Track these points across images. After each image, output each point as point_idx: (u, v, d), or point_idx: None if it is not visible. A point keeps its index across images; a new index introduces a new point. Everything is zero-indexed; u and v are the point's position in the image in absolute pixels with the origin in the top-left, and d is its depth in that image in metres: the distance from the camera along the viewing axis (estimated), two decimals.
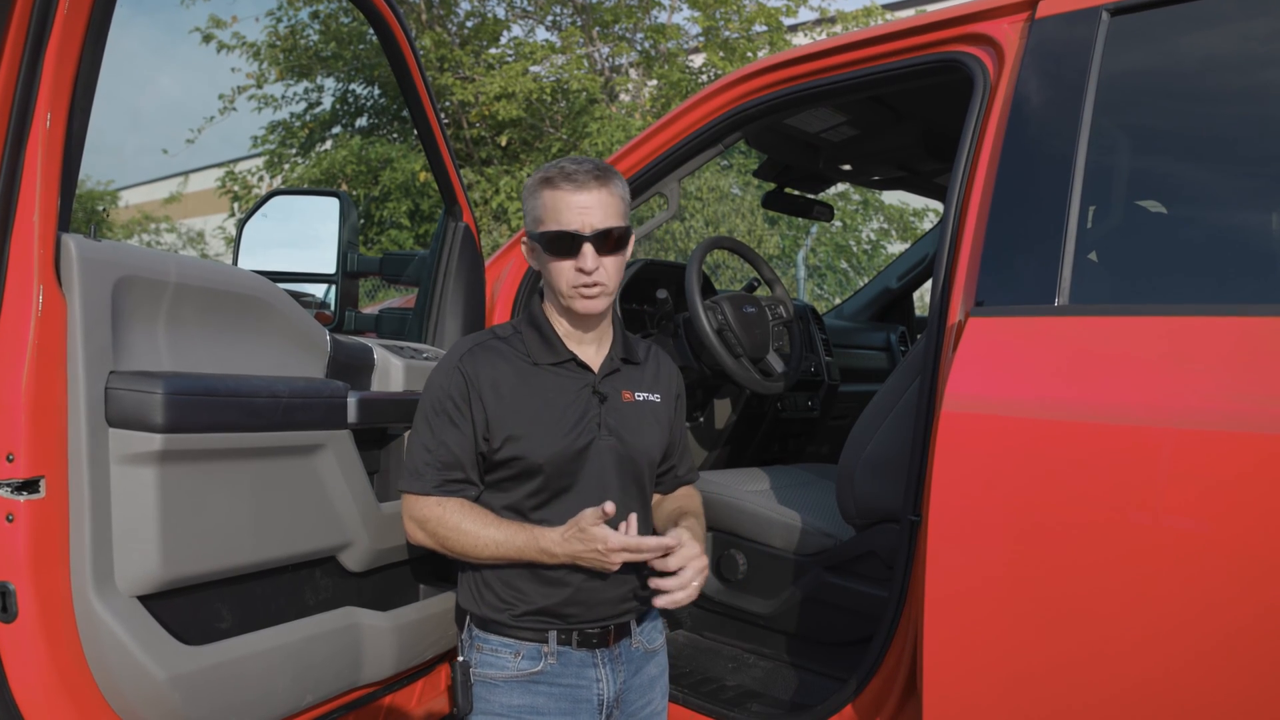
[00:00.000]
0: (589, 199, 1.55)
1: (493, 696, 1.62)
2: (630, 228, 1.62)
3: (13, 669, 1.44)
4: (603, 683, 1.63)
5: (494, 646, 1.62)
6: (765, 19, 9.64)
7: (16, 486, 1.41)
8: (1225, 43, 1.66)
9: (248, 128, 25.59)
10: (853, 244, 10.75)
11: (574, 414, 1.61)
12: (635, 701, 1.69)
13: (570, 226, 1.55)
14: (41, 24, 1.41)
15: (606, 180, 1.58)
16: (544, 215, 1.58)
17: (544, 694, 1.60)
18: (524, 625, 1.61)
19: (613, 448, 1.62)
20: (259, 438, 1.68)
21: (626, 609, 1.65)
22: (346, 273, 2.45)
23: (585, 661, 1.62)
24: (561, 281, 1.58)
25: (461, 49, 9.70)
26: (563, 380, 1.63)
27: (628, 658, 1.67)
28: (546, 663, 1.60)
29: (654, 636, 1.74)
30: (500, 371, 1.60)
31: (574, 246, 1.55)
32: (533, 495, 1.60)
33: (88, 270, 1.46)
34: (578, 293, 1.58)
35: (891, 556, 2.07)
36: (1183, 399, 1.42)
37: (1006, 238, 1.69)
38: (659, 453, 1.73)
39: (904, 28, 2.02)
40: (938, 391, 1.68)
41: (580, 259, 1.55)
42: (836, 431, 3.50)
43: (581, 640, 1.61)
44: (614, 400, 1.65)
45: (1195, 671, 1.38)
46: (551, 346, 1.63)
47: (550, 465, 1.58)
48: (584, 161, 1.58)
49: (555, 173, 1.57)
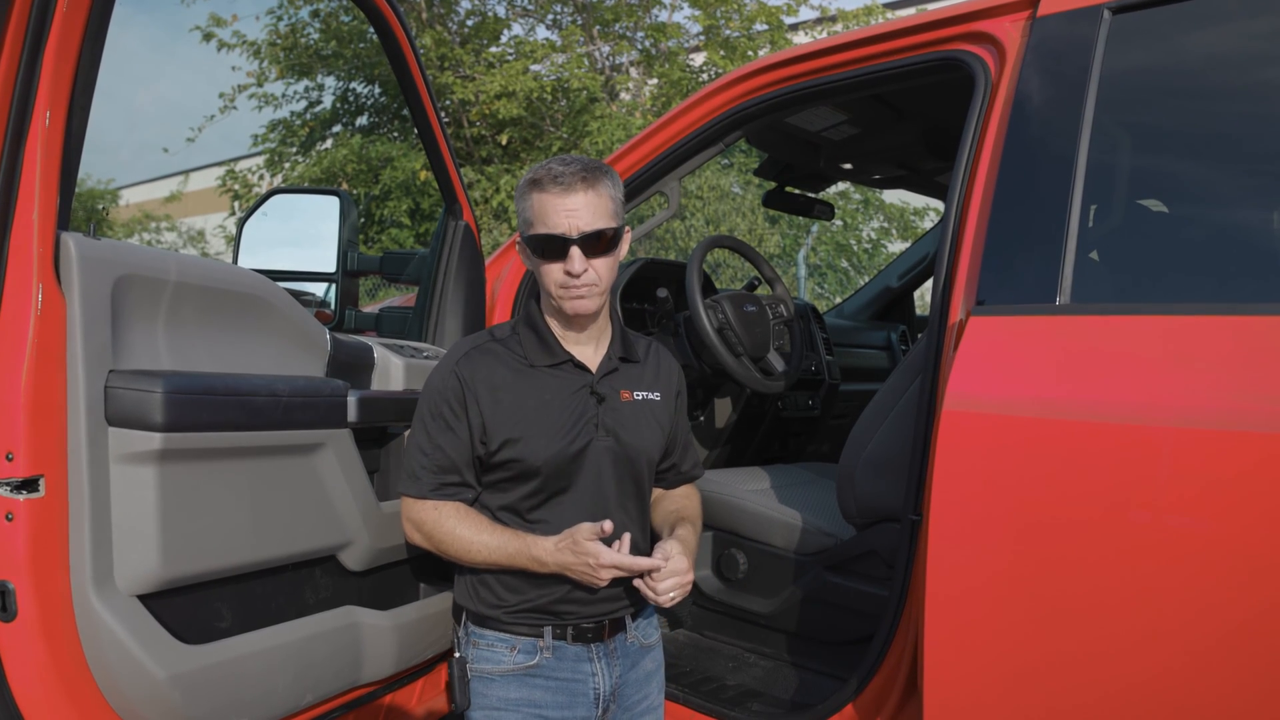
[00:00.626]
0: (576, 201, 1.55)
1: (490, 691, 1.62)
2: (622, 227, 1.61)
3: (12, 668, 1.44)
4: (599, 677, 1.64)
5: (490, 642, 1.63)
6: (766, 18, 9.65)
7: (16, 485, 1.40)
8: (1227, 41, 1.66)
9: (248, 126, 25.57)
10: (853, 243, 10.75)
11: (571, 415, 1.61)
12: (632, 696, 1.70)
13: (557, 230, 1.55)
14: (41, 21, 1.41)
15: (594, 181, 1.57)
16: (533, 218, 1.58)
17: (541, 687, 1.61)
18: (520, 621, 1.62)
19: (610, 448, 1.62)
20: (259, 437, 1.67)
21: (621, 605, 1.65)
22: (347, 271, 2.45)
23: (581, 656, 1.63)
24: (550, 283, 1.58)
25: (462, 47, 9.71)
26: (560, 381, 1.63)
27: (623, 652, 1.68)
28: (542, 656, 1.61)
29: (649, 632, 1.75)
30: (497, 374, 1.60)
31: (562, 249, 1.55)
32: (530, 496, 1.61)
33: (87, 269, 1.45)
34: (566, 294, 1.58)
35: (892, 556, 2.07)
36: (1184, 398, 1.42)
37: (1007, 237, 1.68)
38: (658, 452, 1.73)
39: (905, 26, 2.02)
40: (939, 391, 1.68)
41: (568, 262, 1.55)
42: (837, 430, 3.50)
43: (577, 635, 1.62)
44: (612, 400, 1.65)
45: (1196, 670, 1.38)
46: (548, 348, 1.63)
47: (547, 467, 1.58)
48: (572, 162, 1.57)
49: (543, 175, 1.57)
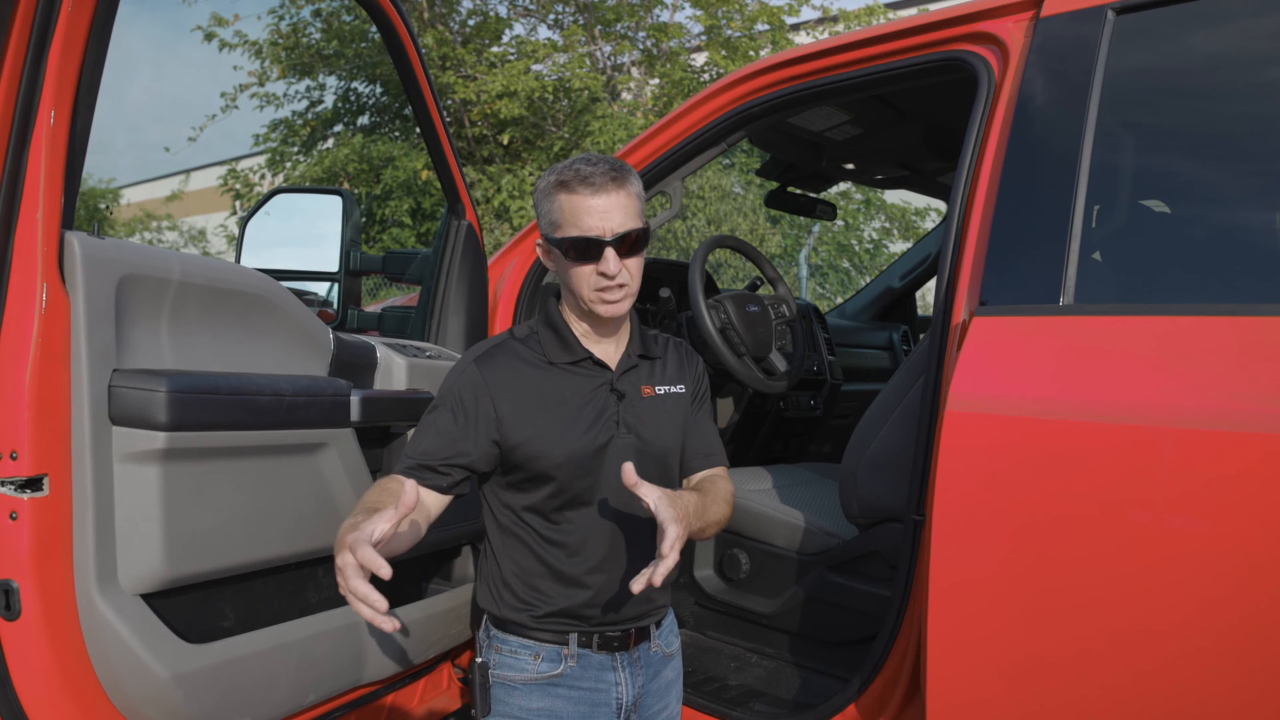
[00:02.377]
0: (608, 202, 1.52)
1: (511, 699, 1.59)
2: (648, 226, 1.59)
3: (16, 667, 1.44)
4: (622, 686, 1.61)
5: (513, 648, 1.59)
6: (767, 18, 9.65)
7: (20, 484, 1.41)
8: (1231, 42, 1.66)
9: (249, 126, 25.64)
10: (854, 243, 10.75)
11: (591, 412, 1.58)
12: (652, 706, 1.67)
13: (591, 232, 1.51)
14: (45, 21, 1.41)
15: (624, 181, 1.54)
16: (561, 220, 1.54)
17: (563, 697, 1.58)
18: (545, 627, 1.58)
19: (632, 445, 1.59)
20: (262, 436, 1.67)
21: (646, 610, 1.63)
22: (349, 271, 2.45)
23: (605, 665, 1.60)
24: (583, 286, 1.54)
25: (463, 47, 9.71)
26: (580, 379, 1.60)
27: (646, 661, 1.65)
28: (566, 665, 1.58)
29: (671, 640, 1.72)
30: (516, 372, 1.57)
31: (596, 251, 1.52)
32: (553, 496, 1.57)
33: (91, 268, 1.45)
34: (600, 297, 1.54)
35: (894, 556, 2.07)
36: (1188, 399, 1.42)
37: (1011, 237, 1.68)
38: (680, 445, 1.69)
39: (908, 26, 2.02)
40: (942, 391, 1.68)
41: (603, 263, 1.52)
42: (838, 431, 3.50)
43: (602, 643, 1.59)
44: (632, 397, 1.62)
45: (1200, 670, 1.38)
46: (568, 346, 1.60)
47: (568, 465, 1.55)
48: (599, 162, 1.54)
49: (571, 176, 1.53)
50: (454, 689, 2.39)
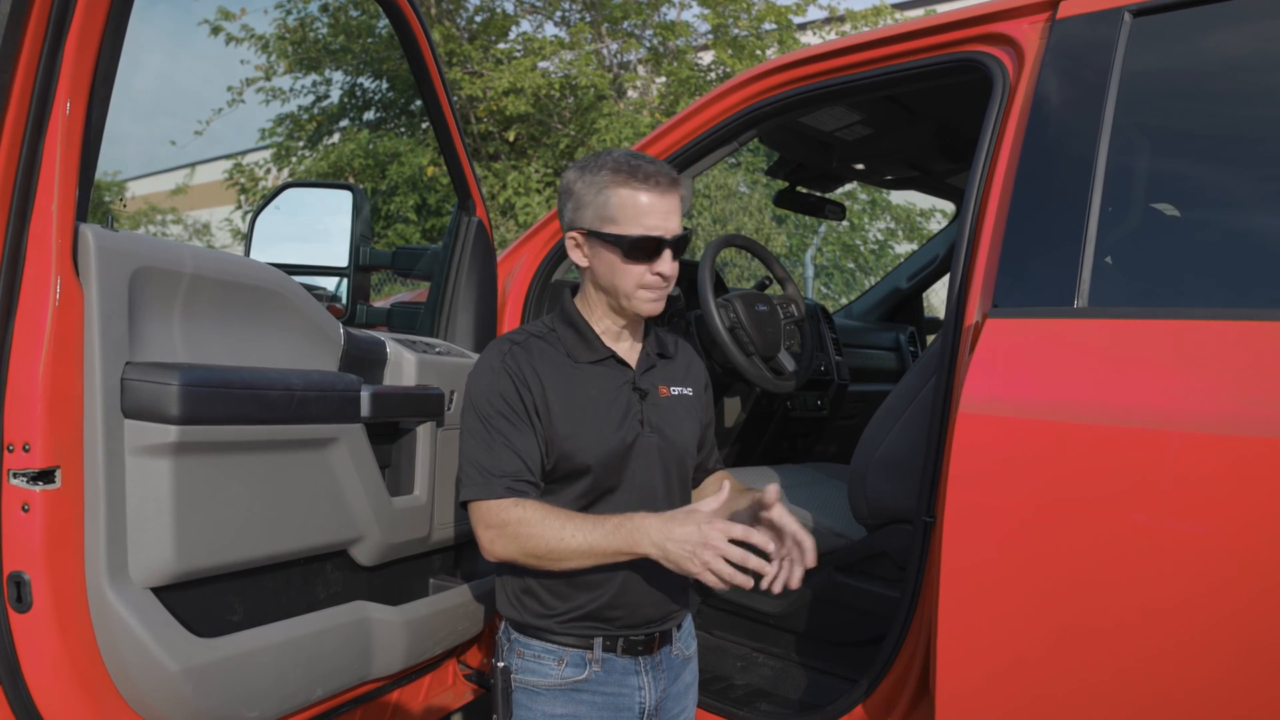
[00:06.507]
0: (670, 203, 1.52)
1: (534, 705, 1.57)
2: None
3: (27, 658, 1.44)
4: (645, 690, 1.60)
5: (536, 652, 1.57)
6: (774, 17, 9.64)
7: (32, 476, 1.41)
8: (1249, 44, 1.65)
9: (255, 120, 25.64)
10: (860, 244, 10.74)
11: (618, 411, 1.57)
12: (672, 709, 1.66)
13: (654, 231, 1.51)
14: (63, 11, 1.41)
15: (679, 182, 1.56)
16: (618, 215, 1.52)
17: (587, 703, 1.56)
18: (570, 631, 1.56)
19: (656, 443, 1.59)
20: (273, 430, 1.67)
21: (670, 612, 1.62)
22: (359, 266, 2.44)
23: (629, 669, 1.58)
24: (629, 283, 1.54)
25: (470, 44, 9.71)
26: (603, 378, 1.59)
27: (668, 665, 1.64)
28: (591, 670, 1.56)
29: (690, 642, 1.72)
30: (544, 369, 1.55)
31: (655, 251, 1.52)
32: (582, 496, 1.55)
33: (105, 261, 1.45)
34: (646, 295, 1.55)
35: (903, 557, 2.07)
36: (1203, 404, 1.41)
37: (1025, 239, 1.68)
38: (696, 446, 1.70)
39: (922, 27, 2.01)
40: (954, 392, 1.67)
41: (660, 263, 1.52)
42: (845, 431, 3.50)
43: (627, 647, 1.58)
44: (653, 396, 1.62)
45: (1215, 677, 1.37)
46: (590, 344, 1.59)
47: (599, 464, 1.54)
48: (654, 161, 1.53)
49: (631, 171, 1.51)
50: (459, 686, 2.39)
